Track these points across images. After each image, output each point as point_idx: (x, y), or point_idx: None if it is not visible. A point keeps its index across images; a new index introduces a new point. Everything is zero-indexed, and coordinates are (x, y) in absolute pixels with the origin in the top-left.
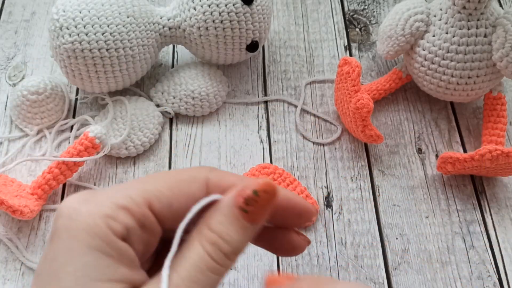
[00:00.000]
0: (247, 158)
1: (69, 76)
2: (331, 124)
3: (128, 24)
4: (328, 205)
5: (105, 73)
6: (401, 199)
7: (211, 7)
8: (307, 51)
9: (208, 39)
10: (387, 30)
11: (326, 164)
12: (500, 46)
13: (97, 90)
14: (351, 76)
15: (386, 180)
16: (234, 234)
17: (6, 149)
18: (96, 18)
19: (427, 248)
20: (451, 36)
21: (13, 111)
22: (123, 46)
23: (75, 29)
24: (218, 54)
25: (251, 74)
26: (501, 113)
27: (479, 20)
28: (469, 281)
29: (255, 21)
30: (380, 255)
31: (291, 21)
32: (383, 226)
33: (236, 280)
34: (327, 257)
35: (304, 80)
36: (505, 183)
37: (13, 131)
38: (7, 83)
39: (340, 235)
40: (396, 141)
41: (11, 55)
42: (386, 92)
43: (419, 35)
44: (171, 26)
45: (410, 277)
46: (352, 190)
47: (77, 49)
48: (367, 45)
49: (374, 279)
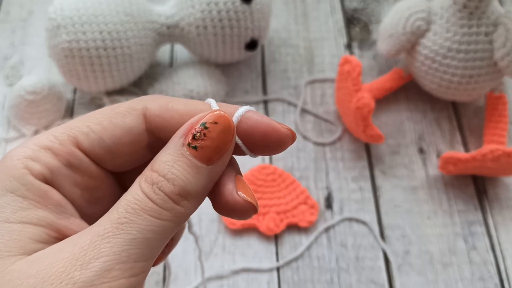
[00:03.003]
0: (247, 158)
1: (66, 75)
2: (331, 124)
3: (126, 23)
4: (328, 206)
5: (102, 72)
6: (402, 200)
7: (210, 5)
8: (307, 50)
9: (206, 37)
10: (388, 29)
11: (326, 165)
12: (501, 45)
13: (94, 89)
14: (352, 76)
15: (387, 181)
16: (181, 173)
17: (3, 149)
18: (93, 17)
19: (428, 249)
20: (452, 35)
21: (11, 111)
22: (120, 45)
23: (72, 28)
24: (216, 53)
25: (250, 73)
26: (502, 113)
27: (480, 19)
28: (470, 282)
29: (254, 19)
30: (381, 256)
31: (290, 20)
32: (384, 227)
33: (235, 282)
34: (327, 259)
35: (304, 79)
36: (506, 184)
37: (10, 132)
38: (4, 83)
39: (341, 236)
40: (397, 141)
41: (8, 55)
42: (387, 91)
43: (420, 34)
44: (169, 25)
45: (412, 279)
46: (353, 190)
47: (74, 48)
48: (367, 44)
49: (375, 281)
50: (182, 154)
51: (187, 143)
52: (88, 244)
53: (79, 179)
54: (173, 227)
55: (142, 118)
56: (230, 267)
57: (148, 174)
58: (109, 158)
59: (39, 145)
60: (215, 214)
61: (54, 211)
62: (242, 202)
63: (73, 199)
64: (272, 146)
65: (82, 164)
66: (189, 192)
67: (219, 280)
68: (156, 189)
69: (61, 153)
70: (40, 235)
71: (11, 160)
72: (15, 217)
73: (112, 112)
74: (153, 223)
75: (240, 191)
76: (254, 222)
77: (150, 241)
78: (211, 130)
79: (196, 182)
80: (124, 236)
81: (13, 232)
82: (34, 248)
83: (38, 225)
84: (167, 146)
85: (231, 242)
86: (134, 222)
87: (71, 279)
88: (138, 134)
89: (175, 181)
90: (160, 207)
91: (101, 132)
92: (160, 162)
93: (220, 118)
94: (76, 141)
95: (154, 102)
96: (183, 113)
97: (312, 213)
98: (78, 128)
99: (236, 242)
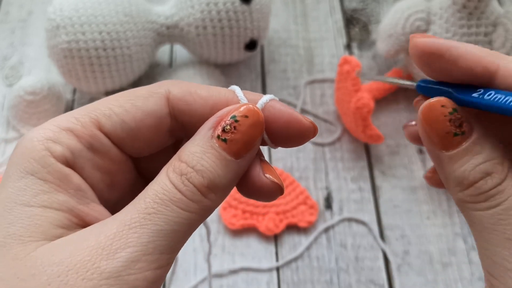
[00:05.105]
0: None
1: (66, 76)
2: (331, 124)
3: (125, 23)
4: (328, 206)
5: (101, 72)
6: (402, 200)
7: (209, 5)
8: (306, 50)
9: (206, 38)
10: (388, 29)
11: (326, 165)
12: (500, 45)
13: (93, 89)
14: (351, 76)
15: (387, 181)
16: (210, 165)
17: (3, 150)
18: (93, 17)
19: (428, 249)
20: (451, 36)
21: (10, 111)
22: (120, 45)
23: (71, 28)
24: (216, 53)
25: (249, 73)
26: None
27: (479, 20)
28: (470, 282)
29: (253, 19)
30: (381, 256)
31: (290, 20)
32: (384, 227)
33: (235, 282)
34: (327, 259)
35: (303, 80)
36: None
37: (10, 132)
38: (3, 84)
39: (340, 236)
40: (396, 141)
41: (7, 55)
42: (387, 91)
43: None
44: (168, 25)
45: (411, 279)
46: (353, 191)
47: (74, 49)
48: (367, 44)
49: (375, 281)
50: (212, 146)
51: (216, 135)
52: (114, 233)
53: (100, 163)
54: (199, 220)
55: (165, 101)
56: (230, 267)
57: (177, 164)
58: (130, 141)
59: (60, 126)
60: (215, 214)
61: (75, 195)
62: (269, 183)
63: (93, 183)
64: (294, 137)
65: (104, 147)
66: (217, 185)
67: (219, 280)
68: (185, 180)
69: (83, 135)
70: (61, 220)
71: (31, 141)
72: (36, 200)
73: (134, 95)
74: (181, 215)
75: (267, 173)
76: (254, 222)
77: (177, 233)
78: (242, 123)
79: (224, 175)
80: (152, 227)
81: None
82: (56, 233)
83: (59, 209)
84: (195, 137)
85: (231, 242)
86: (162, 213)
87: (98, 268)
88: (160, 117)
89: (204, 173)
90: (188, 198)
91: (124, 114)
92: (188, 153)
93: (252, 112)
94: (98, 123)
95: (176, 86)
96: (206, 97)
97: (312, 213)
98: (100, 110)
99: (236, 242)
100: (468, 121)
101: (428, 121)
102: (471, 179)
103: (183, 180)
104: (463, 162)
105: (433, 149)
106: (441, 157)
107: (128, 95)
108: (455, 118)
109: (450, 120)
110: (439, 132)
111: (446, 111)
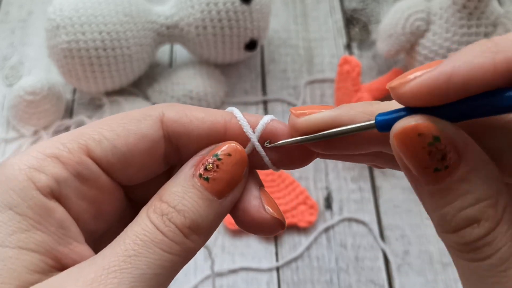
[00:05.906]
0: None
1: (66, 76)
2: None
3: (125, 23)
4: (328, 206)
5: (101, 72)
6: (402, 200)
7: (209, 5)
8: (306, 50)
9: (206, 38)
10: (388, 29)
11: (326, 165)
12: None
13: (93, 89)
14: (351, 76)
15: (387, 181)
16: (192, 205)
17: (3, 150)
18: (93, 17)
19: (428, 249)
20: (451, 36)
21: (10, 111)
22: (119, 45)
23: (71, 28)
24: (216, 53)
25: (249, 73)
26: None
27: (479, 20)
28: None
29: (253, 19)
30: (381, 256)
31: (290, 20)
32: (384, 227)
33: (235, 282)
34: (327, 259)
35: (303, 80)
36: None
37: (10, 132)
38: (3, 84)
39: (340, 236)
40: None
41: (7, 55)
42: (387, 91)
43: (420, 34)
44: (168, 25)
45: (411, 279)
46: (353, 191)
47: (74, 49)
48: (367, 44)
49: (375, 281)
50: (193, 186)
51: (198, 174)
52: (92, 278)
53: (87, 192)
54: (182, 263)
55: (159, 124)
56: (230, 267)
57: (157, 204)
58: (122, 168)
59: (45, 153)
60: None
61: (55, 233)
62: (270, 219)
63: (78, 214)
64: (297, 159)
65: (93, 175)
66: (199, 225)
67: (219, 280)
68: (167, 220)
69: (70, 162)
70: (36, 264)
71: (12, 169)
72: (11, 240)
73: (126, 118)
74: (163, 257)
75: (267, 205)
76: None
77: (159, 277)
78: (224, 162)
79: (206, 215)
80: (133, 271)
81: (8, 259)
82: (30, 279)
83: (35, 251)
84: (176, 176)
85: (231, 243)
86: (143, 256)
87: None
88: (154, 141)
89: (186, 213)
90: (170, 239)
91: (115, 139)
92: (169, 193)
93: (235, 150)
94: (87, 149)
95: (170, 108)
96: (203, 118)
97: (312, 213)
98: (89, 135)
99: (236, 242)
100: (456, 149)
101: (403, 149)
102: (453, 225)
103: (165, 220)
104: (446, 202)
105: (410, 179)
106: (420, 189)
107: (119, 118)
108: (436, 150)
109: (430, 153)
110: (416, 165)
111: (424, 142)
